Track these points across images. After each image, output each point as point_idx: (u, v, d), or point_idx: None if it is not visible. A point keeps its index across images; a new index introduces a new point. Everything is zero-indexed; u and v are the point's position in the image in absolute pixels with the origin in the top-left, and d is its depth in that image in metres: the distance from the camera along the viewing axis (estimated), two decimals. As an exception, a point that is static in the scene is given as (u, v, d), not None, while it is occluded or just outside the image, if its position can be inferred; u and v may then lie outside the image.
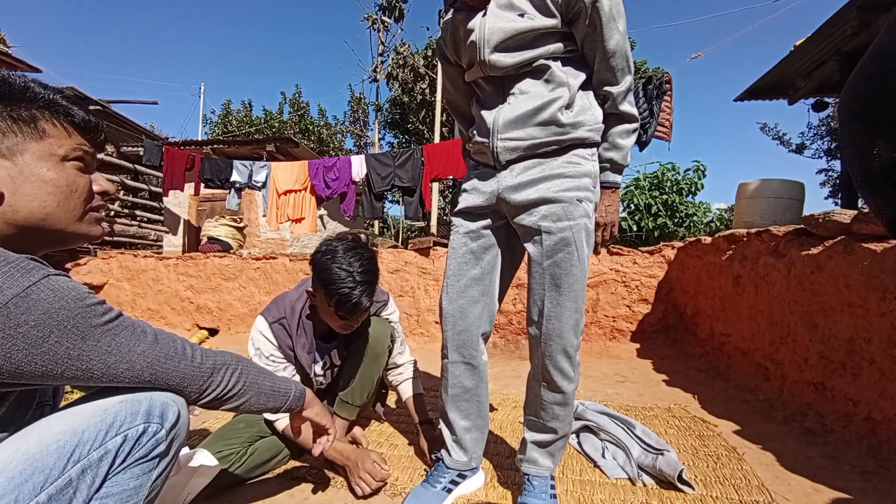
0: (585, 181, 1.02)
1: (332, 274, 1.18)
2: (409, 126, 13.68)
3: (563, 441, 1.11)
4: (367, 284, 1.20)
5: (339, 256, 1.20)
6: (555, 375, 1.03)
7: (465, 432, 1.18)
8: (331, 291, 1.18)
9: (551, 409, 1.07)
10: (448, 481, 1.16)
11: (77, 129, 0.70)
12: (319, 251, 1.24)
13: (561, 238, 0.99)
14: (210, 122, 18.63)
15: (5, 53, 6.11)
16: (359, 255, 1.22)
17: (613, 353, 2.98)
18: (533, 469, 1.11)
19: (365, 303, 1.20)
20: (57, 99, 0.67)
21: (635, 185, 7.59)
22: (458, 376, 1.15)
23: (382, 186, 5.16)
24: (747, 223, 3.03)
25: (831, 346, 1.54)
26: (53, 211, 0.66)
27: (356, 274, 1.18)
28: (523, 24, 0.97)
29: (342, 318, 1.22)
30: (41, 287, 0.56)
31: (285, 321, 1.36)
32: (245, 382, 0.80)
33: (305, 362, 1.38)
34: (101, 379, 0.62)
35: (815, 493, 1.17)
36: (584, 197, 1.01)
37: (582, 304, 1.02)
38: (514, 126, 1.02)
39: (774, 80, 5.33)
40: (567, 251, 0.99)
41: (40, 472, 0.56)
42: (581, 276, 1.00)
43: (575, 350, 1.03)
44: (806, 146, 14.98)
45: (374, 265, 1.26)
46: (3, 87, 0.63)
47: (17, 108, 0.64)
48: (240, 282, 3.88)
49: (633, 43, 13.24)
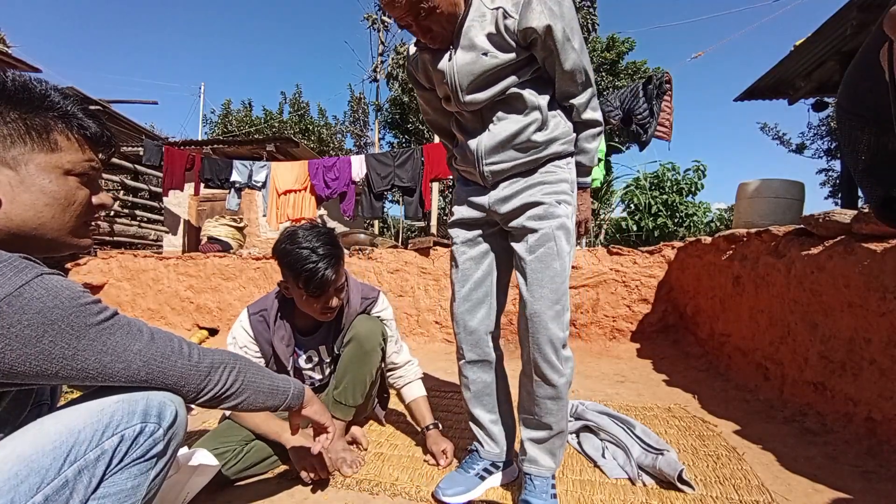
0: (563, 186, 1.10)
1: (295, 255, 1.22)
2: (409, 126, 13.69)
3: (559, 438, 1.13)
4: (330, 257, 1.24)
5: (298, 238, 1.25)
6: (544, 368, 1.06)
7: (493, 424, 1.25)
8: (297, 272, 1.22)
9: (544, 404, 1.09)
10: (482, 469, 1.22)
11: (89, 143, 0.70)
12: (279, 241, 1.28)
13: (543, 234, 1.06)
14: (210, 121, 18.66)
15: (5, 53, 6.11)
16: (317, 232, 1.27)
17: (613, 353, 2.98)
18: (534, 469, 1.12)
19: (331, 275, 1.24)
20: (73, 111, 0.67)
21: (635, 185, 7.58)
22: (476, 373, 1.23)
23: (382, 186, 5.16)
24: (747, 223, 3.02)
25: (831, 345, 1.54)
26: (48, 222, 0.66)
27: (318, 249, 1.23)
28: (488, 62, 1.03)
29: (314, 297, 1.25)
30: (35, 286, 0.56)
31: (266, 313, 1.39)
32: (243, 381, 0.79)
33: (283, 355, 1.39)
34: (97, 378, 0.62)
35: (815, 493, 1.17)
36: (562, 199, 1.09)
37: (564, 298, 1.07)
38: (495, 151, 1.10)
39: (774, 80, 5.32)
40: (547, 246, 1.06)
41: (36, 473, 0.55)
42: (561, 271, 1.06)
43: (561, 343, 1.06)
44: (806, 146, 14.99)
45: (335, 240, 1.30)
46: (23, 94, 0.63)
47: (32, 117, 0.64)
48: (240, 282, 3.88)
49: (633, 43, 13.24)
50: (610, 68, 13.18)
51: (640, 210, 7.27)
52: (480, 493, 1.18)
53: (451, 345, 1.16)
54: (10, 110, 0.62)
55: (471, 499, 1.16)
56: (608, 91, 11.80)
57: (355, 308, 1.45)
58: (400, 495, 1.20)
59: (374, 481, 1.26)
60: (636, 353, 2.93)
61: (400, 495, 1.20)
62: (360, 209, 5.43)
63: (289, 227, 1.33)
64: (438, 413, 1.70)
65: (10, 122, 0.62)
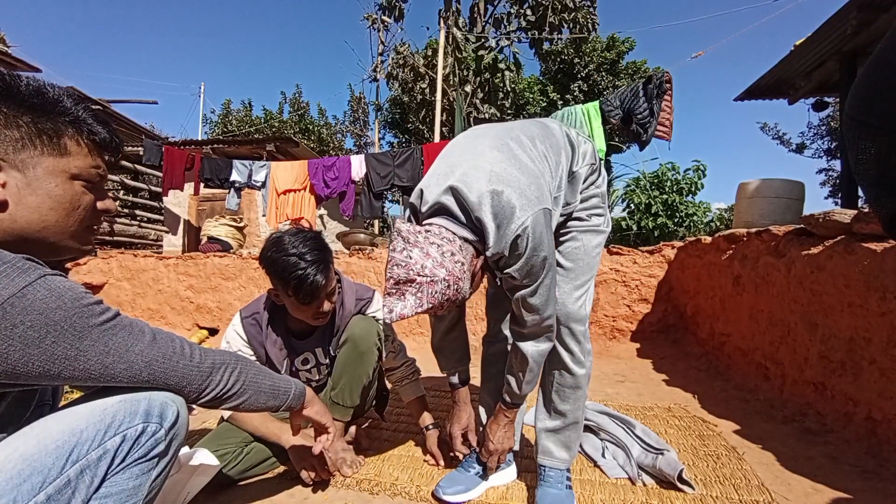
0: (594, 201, 1.14)
1: (282, 263, 1.19)
2: (408, 126, 13.68)
3: (574, 430, 1.16)
4: (318, 262, 1.20)
5: (284, 244, 1.21)
6: (566, 359, 1.13)
7: None
8: (286, 280, 1.19)
9: (563, 392, 1.14)
10: (482, 468, 1.21)
11: (97, 149, 0.71)
12: (265, 248, 1.25)
13: (571, 235, 1.12)
14: (210, 121, 18.61)
15: (5, 53, 6.10)
16: (302, 237, 1.23)
17: (613, 353, 2.98)
18: (548, 461, 1.14)
19: (321, 281, 1.20)
20: (85, 116, 0.68)
21: (635, 185, 7.58)
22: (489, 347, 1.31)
23: (382, 186, 5.16)
24: (747, 223, 3.02)
25: (831, 345, 1.54)
26: (51, 225, 0.66)
27: (306, 255, 1.19)
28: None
29: (306, 304, 1.23)
30: (37, 287, 0.56)
31: (258, 316, 1.38)
32: (244, 381, 0.79)
33: (277, 358, 1.39)
34: (100, 379, 0.62)
35: (815, 493, 1.17)
36: (593, 213, 1.14)
37: (587, 292, 1.11)
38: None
39: (774, 80, 5.32)
40: (574, 246, 1.11)
41: (38, 473, 0.56)
42: (587, 268, 1.11)
43: (583, 335, 1.12)
44: (806, 146, 14.99)
45: (322, 243, 1.27)
46: (36, 98, 0.64)
47: (45, 121, 0.64)
48: (240, 281, 3.88)
49: (633, 43, 13.24)
50: (610, 68, 13.19)
51: (640, 210, 7.27)
52: (480, 492, 1.19)
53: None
54: (23, 114, 0.62)
55: (470, 498, 1.16)
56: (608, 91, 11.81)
57: (350, 309, 1.44)
58: (400, 495, 1.20)
59: (374, 481, 1.26)
60: (636, 352, 2.93)
61: (400, 495, 1.20)
62: (359, 209, 5.43)
63: (273, 233, 1.30)
64: (439, 413, 1.70)
65: (22, 126, 0.62)
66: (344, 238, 4.56)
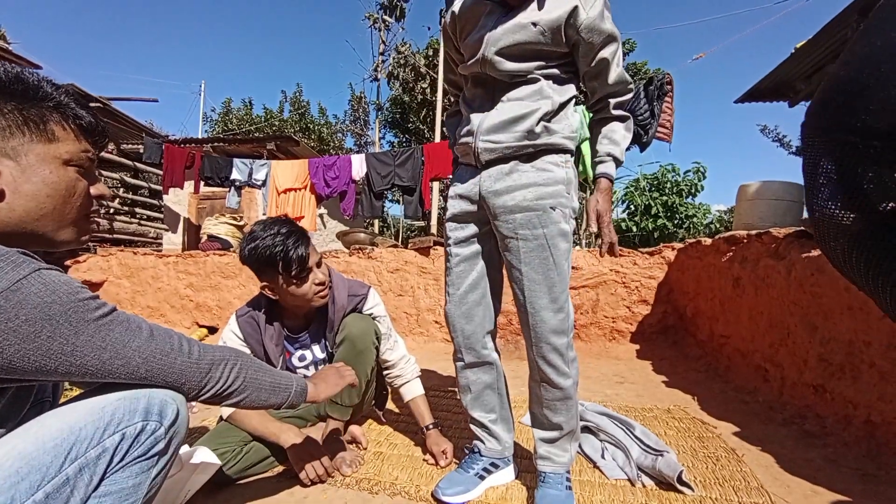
0: (559, 188, 1.07)
1: (262, 248, 1.24)
2: (409, 125, 13.69)
3: (571, 436, 1.15)
4: (296, 234, 1.28)
5: (256, 234, 1.27)
6: (550, 374, 1.09)
7: (493, 423, 1.25)
8: (273, 260, 1.23)
9: (553, 406, 1.11)
10: (482, 468, 1.22)
11: (84, 133, 0.70)
12: (242, 247, 1.30)
13: (537, 244, 1.05)
14: (210, 120, 18.61)
15: (5, 50, 6.10)
16: (271, 221, 1.31)
17: (613, 354, 2.98)
18: (548, 466, 1.15)
19: (304, 251, 1.27)
20: (67, 101, 0.67)
21: (635, 186, 7.59)
22: (476, 374, 1.23)
23: (382, 185, 5.16)
24: (747, 225, 3.02)
25: (831, 348, 1.54)
26: (49, 213, 0.65)
27: (281, 233, 1.25)
28: (533, 37, 1.02)
29: (300, 277, 1.27)
30: (32, 281, 0.56)
31: (254, 314, 1.40)
32: (245, 378, 0.79)
33: (273, 354, 1.40)
34: (97, 375, 0.62)
35: (815, 496, 1.17)
36: (556, 203, 1.06)
37: (565, 303, 1.07)
38: (495, 131, 1.08)
39: (775, 83, 5.32)
40: (543, 257, 1.05)
41: (37, 471, 0.55)
42: (559, 280, 1.06)
43: (566, 347, 1.08)
44: (806, 148, 14.97)
45: (292, 221, 1.34)
46: (17, 85, 0.63)
47: (29, 107, 0.63)
48: (240, 280, 3.87)
49: (634, 45, 13.26)
50: (611, 69, 13.18)
51: (640, 211, 7.28)
52: (480, 492, 1.18)
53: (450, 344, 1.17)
54: (5, 101, 0.62)
55: (470, 498, 1.16)
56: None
57: (342, 304, 1.44)
58: (399, 495, 1.20)
59: (373, 481, 1.26)
60: (636, 354, 2.93)
61: (399, 495, 1.20)
62: (360, 208, 5.43)
63: (246, 231, 1.36)
64: (438, 412, 1.70)
65: (7, 113, 0.62)
66: (344, 237, 4.56)
